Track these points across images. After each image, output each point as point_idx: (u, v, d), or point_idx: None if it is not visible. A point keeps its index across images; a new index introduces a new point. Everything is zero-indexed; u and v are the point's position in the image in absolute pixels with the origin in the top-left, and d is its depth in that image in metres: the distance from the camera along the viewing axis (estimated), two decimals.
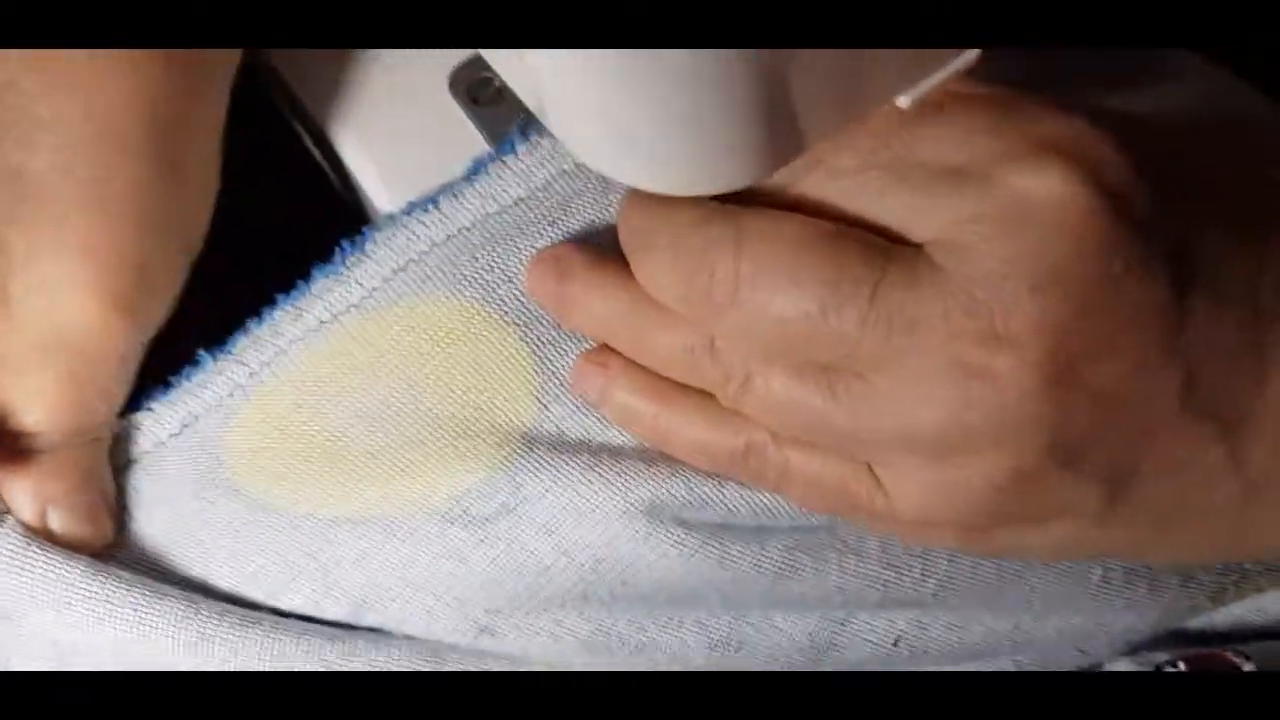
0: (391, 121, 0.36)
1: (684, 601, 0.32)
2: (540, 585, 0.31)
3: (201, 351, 0.33)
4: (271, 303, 0.33)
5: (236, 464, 0.32)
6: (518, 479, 0.31)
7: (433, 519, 0.31)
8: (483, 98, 0.35)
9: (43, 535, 0.31)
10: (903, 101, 0.30)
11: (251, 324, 0.33)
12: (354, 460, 0.31)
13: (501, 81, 0.34)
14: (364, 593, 0.32)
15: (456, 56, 0.36)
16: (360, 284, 0.32)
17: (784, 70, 0.25)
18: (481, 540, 0.31)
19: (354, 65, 0.37)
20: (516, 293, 0.32)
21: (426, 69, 0.36)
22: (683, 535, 0.31)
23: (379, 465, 0.31)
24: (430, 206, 0.33)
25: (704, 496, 0.31)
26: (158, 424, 0.33)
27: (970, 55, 0.29)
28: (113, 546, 0.32)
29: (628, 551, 0.31)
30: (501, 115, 0.35)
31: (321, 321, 0.32)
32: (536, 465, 0.31)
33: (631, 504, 0.31)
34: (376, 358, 0.32)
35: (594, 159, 0.28)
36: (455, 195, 0.33)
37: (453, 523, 0.31)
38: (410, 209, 0.33)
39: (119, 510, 0.32)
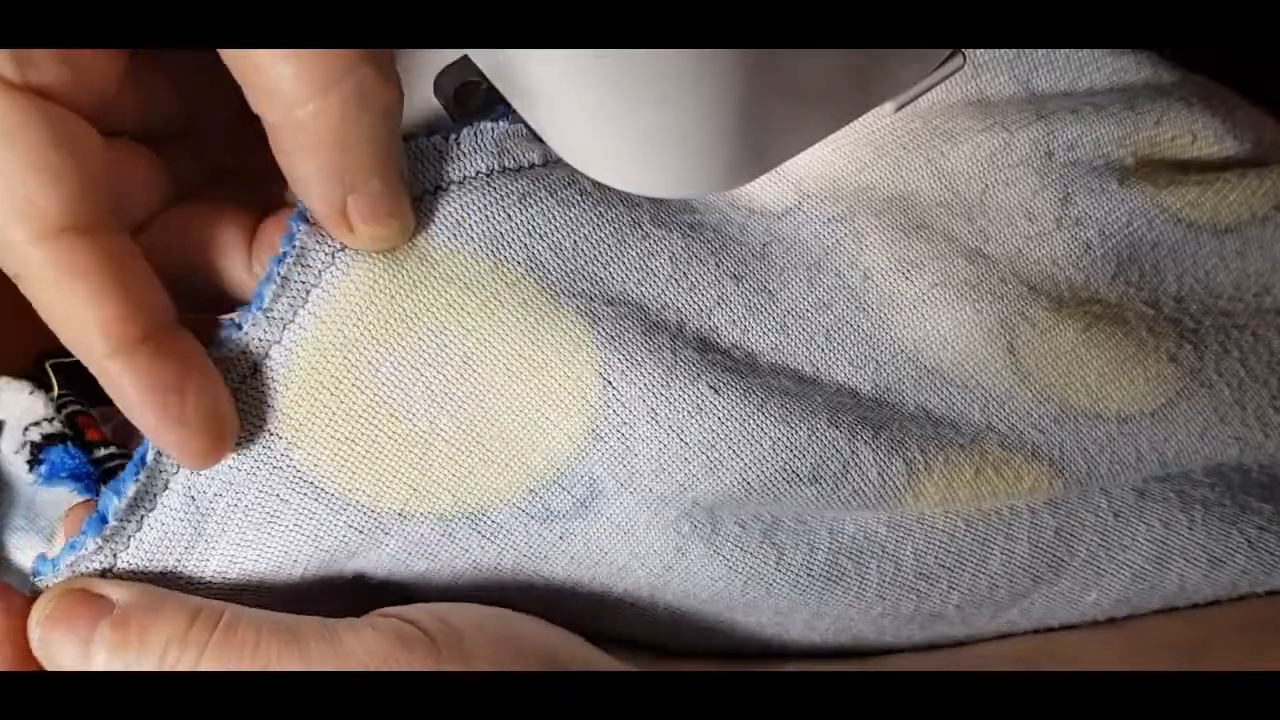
0: None
1: (738, 611, 0.33)
2: (613, 583, 0.31)
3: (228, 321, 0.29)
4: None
5: (294, 437, 0.29)
6: (594, 473, 0.30)
7: (518, 515, 0.30)
8: (468, 101, 0.35)
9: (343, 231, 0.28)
10: (890, 107, 0.30)
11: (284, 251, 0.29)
12: (425, 442, 0.29)
13: (488, 84, 0.34)
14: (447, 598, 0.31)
15: (442, 58, 0.36)
16: None
17: (771, 74, 0.25)
18: (561, 537, 0.31)
19: None
20: (565, 265, 0.30)
21: (411, 71, 0.36)
22: (740, 534, 0.31)
23: (453, 450, 0.29)
24: (449, 137, 0.30)
25: (752, 489, 0.30)
26: None
27: (957, 63, 0.30)
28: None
29: (696, 554, 0.31)
30: (486, 118, 0.35)
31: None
32: (610, 459, 0.30)
33: (696, 501, 0.30)
34: (423, 309, 0.29)
35: (581, 160, 0.28)
36: (476, 134, 0.31)
37: (535, 518, 0.30)
38: (430, 133, 0.30)
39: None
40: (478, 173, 0.30)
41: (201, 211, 0.31)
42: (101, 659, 0.27)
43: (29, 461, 0.33)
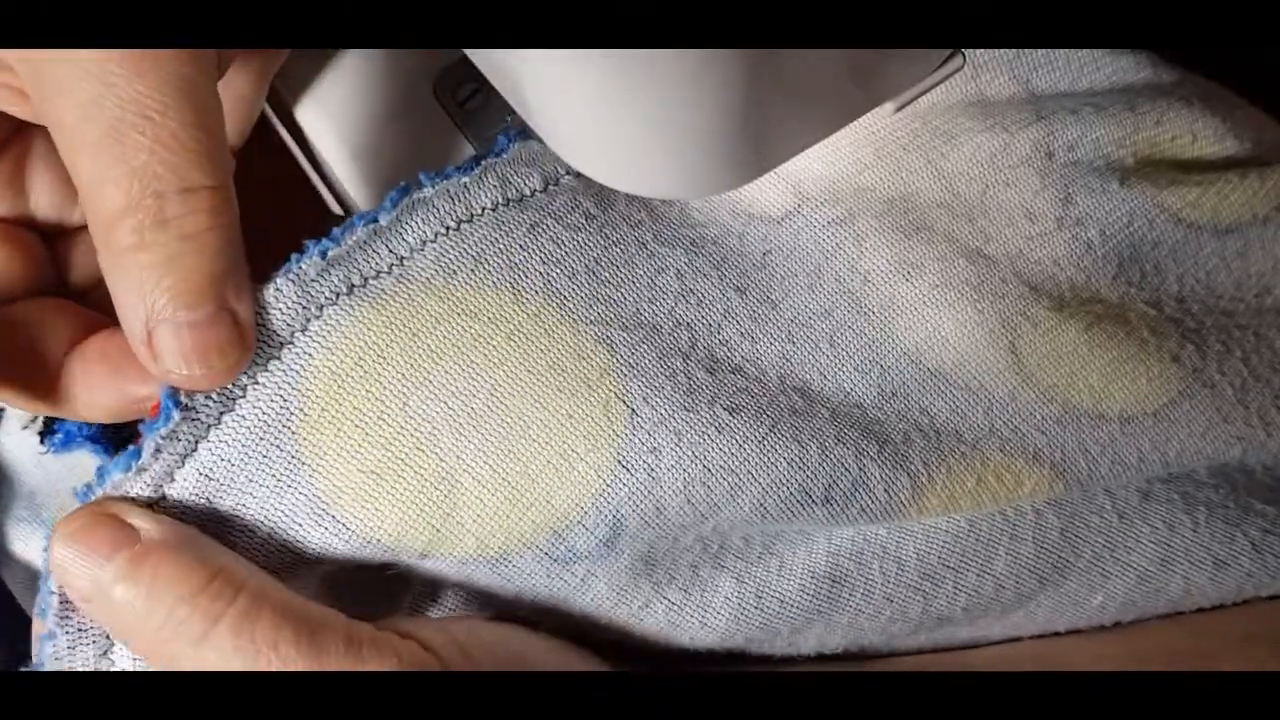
0: (375, 125, 0.36)
1: (753, 643, 0.32)
2: (634, 622, 0.31)
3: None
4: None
5: (318, 464, 0.28)
6: (619, 511, 0.29)
7: (541, 559, 0.30)
8: (468, 101, 0.35)
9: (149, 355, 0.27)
10: (890, 107, 0.30)
11: (277, 282, 0.29)
12: (451, 479, 0.29)
13: (486, 84, 0.34)
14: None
15: (441, 59, 0.36)
16: (397, 247, 0.29)
17: (771, 75, 0.25)
18: (583, 580, 0.31)
19: (337, 68, 0.36)
20: (580, 291, 0.30)
21: (411, 71, 0.36)
22: (743, 547, 0.31)
23: (479, 488, 0.29)
24: (455, 175, 0.31)
25: (769, 513, 0.30)
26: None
27: (957, 63, 0.30)
28: None
29: (707, 578, 0.31)
30: (486, 119, 0.35)
31: (353, 285, 0.29)
32: (636, 493, 0.29)
33: (717, 526, 0.30)
34: (449, 344, 0.29)
35: (579, 160, 0.28)
36: (478, 172, 0.31)
37: (557, 561, 0.30)
38: (432, 178, 0.30)
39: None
40: (484, 208, 0.30)
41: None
42: (117, 591, 0.26)
43: (41, 433, 0.33)
